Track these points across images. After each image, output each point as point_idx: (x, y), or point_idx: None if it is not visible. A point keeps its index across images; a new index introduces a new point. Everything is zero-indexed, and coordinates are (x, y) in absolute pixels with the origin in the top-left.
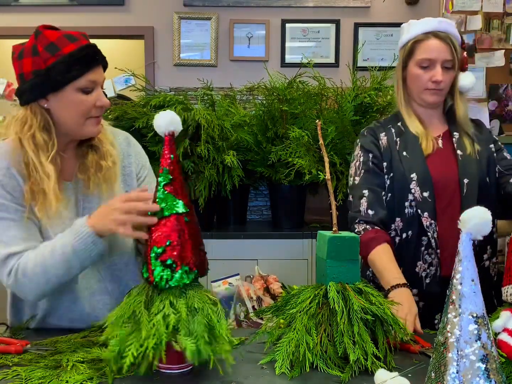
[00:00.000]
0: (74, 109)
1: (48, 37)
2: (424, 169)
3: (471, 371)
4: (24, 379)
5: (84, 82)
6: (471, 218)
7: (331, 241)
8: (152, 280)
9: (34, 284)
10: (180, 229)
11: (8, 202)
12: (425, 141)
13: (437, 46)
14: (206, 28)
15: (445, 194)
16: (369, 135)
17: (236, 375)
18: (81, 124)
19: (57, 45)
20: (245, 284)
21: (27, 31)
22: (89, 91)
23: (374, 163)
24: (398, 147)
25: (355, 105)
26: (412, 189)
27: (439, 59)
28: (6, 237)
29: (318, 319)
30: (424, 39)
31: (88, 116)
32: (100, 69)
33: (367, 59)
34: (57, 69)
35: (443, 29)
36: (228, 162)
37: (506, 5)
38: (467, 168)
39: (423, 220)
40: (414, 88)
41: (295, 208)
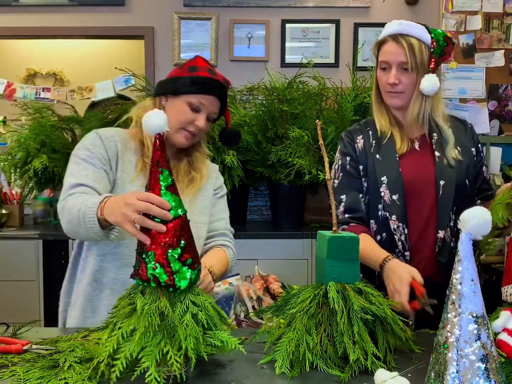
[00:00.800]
0: (176, 115)
1: (197, 62)
2: (395, 172)
3: (471, 371)
4: (23, 379)
5: (194, 100)
6: (471, 218)
7: (331, 241)
8: (173, 281)
9: (65, 217)
10: (188, 229)
11: (97, 154)
12: (399, 141)
13: (392, 49)
14: (206, 28)
15: (420, 196)
16: (347, 138)
17: (236, 375)
18: (175, 131)
19: (197, 69)
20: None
21: (27, 31)
22: (196, 110)
23: (352, 166)
24: (372, 150)
25: (355, 105)
26: (382, 192)
27: (394, 61)
28: (79, 174)
29: (318, 319)
30: (384, 41)
31: (184, 128)
32: (215, 101)
33: (367, 59)
34: (183, 81)
35: (402, 31)
36: (228, 162)
37: (506, 5)
38: (445, 169)
39: (391, 223)
40: (380, 89)
41: (295, 208)
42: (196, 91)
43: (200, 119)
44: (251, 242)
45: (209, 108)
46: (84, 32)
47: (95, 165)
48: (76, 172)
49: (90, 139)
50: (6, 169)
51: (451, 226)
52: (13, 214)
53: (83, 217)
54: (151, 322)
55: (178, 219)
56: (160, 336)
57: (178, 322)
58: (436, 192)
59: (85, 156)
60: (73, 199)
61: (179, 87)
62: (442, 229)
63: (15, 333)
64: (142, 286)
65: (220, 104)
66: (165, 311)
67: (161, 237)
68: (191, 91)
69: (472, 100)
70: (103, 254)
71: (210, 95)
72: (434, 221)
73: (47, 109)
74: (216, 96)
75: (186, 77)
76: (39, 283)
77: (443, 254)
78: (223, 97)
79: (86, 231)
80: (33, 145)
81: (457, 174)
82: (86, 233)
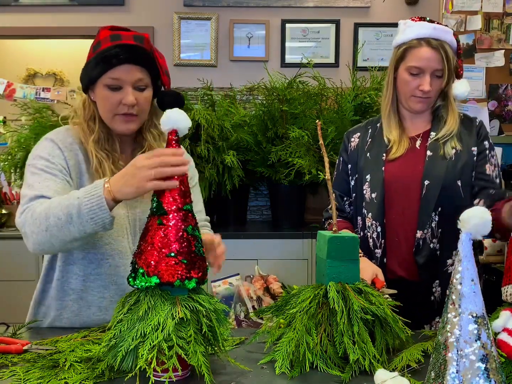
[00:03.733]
0: (102, 104)
1: (99, 35)
2: (378, 171)
3: (471, 371)
4: (23, 379)
5: (108, 80)
6: (471, 218)
7: (331, 241)
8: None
9: (36, 227)
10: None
11: (57, 164)
12: (396, 146)
13: (428, 55)
14: (206, 28)
15: (403, 195)
16: (345, 137)
17: (236, 375)
18: (110, 120)
19: (100, 43)
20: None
21: (27, 31)
22: (116, 88)
23: (343, 167)
24: (366, 148)
25: (355, 105)
26: (364, 190)
27: (429, 68)
28: (40, 185)
29: (318, 319)
30: (416, 46)
31: (116, 113)
32: (131, 67)
33: (367, 59)
34: (90, 66)
35: (436, 36)
36: (228, 162)
37: (506, 5)
38: (433, 169)
39: (367, 220)
40: (402, 93)
41: (295, 208)
42: (104, 70)
43: (125, 95)
44: (251, 242)
45: (129, 78)
46: (84, 32)
47: (56, 175)
48: (35, 184)
49: (46, 149)
50: (6, 169)
51: (432, 227)
52: (13, 214)
53: (78, 211)
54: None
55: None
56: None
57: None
58: (421, 192)
59: (43, 166)
60: (40, 206)
61: (89, 74)
62: (421, 229)
63: (15, 333)
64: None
65: (145, 67)
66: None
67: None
68: (100, 73)
69: (472, 100)
70: (85, 275)
71: (120, 65)
72: (414, 221)
73: (47, 109)
74: (130, 63)
75: (91, 60)
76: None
77: (421, 255)
78: (140, 58)
79: (82, 225)
80: (33, 145)
81: (446, 174)
82: (79, 229)
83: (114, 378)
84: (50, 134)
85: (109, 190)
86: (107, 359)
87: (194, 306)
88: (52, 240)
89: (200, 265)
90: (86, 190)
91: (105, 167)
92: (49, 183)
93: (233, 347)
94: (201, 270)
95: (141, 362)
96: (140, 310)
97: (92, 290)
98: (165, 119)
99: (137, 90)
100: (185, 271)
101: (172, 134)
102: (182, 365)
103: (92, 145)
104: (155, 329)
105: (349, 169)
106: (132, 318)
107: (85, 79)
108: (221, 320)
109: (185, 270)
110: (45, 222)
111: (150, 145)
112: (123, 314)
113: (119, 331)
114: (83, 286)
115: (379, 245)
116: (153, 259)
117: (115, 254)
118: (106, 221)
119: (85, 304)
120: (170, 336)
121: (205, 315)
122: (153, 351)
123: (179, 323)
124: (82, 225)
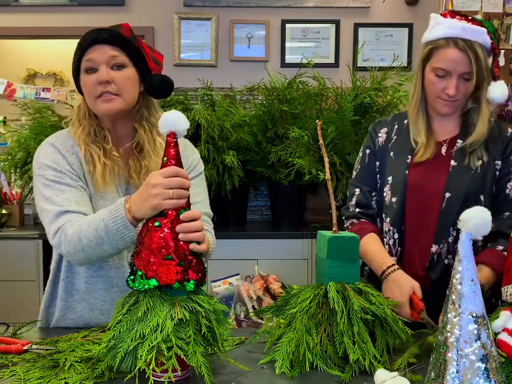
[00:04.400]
0: (85, 90)
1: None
2: (401, 174)
3: (470, 370)
4: (23, 379)
5: (84, 63)
6: (471, 218)
7: (331, 241)
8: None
9: (72, 249)
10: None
11: (65, 171)
12: (422, 150)
13: (455, 57)
14: (206, 28)
15: (424, 205)
16: (372, 130)
17: (236, 375)
18: (93, 104)
19: (84, 37)
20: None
21: (27, 31)
22: (92, 70)
23: (370, 161)
24: (390, 146)
25: (355, 105)
26: (385, 192)
27: (456, 71)
28: (58, 199)
29: (318, 319)
30: (442, 46)
31: (95, 95)
32: (103, 47)
33: (367, 59)
34: (73, 61)
35: (466, 37)
36: (228, 162)
37: (506, 5)
38: (455, 181)
39: (384, 225)
40: (428, 93)
41: (295, 208)
42: (79, 56)
43: (100, 73)
44: (251, 242)
45: (101, 57)
46: (84, 32)
47: (69, 185)
48: (52, 197)
49: (49, 156)
50: (6, 169)
51: (449, 242)
52: (13, 214)
53: (106, 233)
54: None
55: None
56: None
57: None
58: (441, 204)
59: (53, 177)
60: (71, 227)
61: (73, 68)
62: (437, 243)
63: (15, 333)
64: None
65: (118, 46)
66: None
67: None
68: (77, 60)
69: None
70: (87, 277)
71: (92, 47)
72: (431, 234)
73: (47, 109)
74: (101, 43)
75: (74, 54)
76: (39, 283)
77: (434, 270)
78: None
79: (114, 244)
80: (33, 145)
81: (469, 187)
82: (113, 247)
83: (114, 378)
84: (50, 139)
85: (129, 210)
86: (106, 359)
87: (193, 306)
88: (90, 257)
89: (198, 267)
90: (109, 212)
91: (94, 158)
92: (67, 195)
93: (233, 347)
94: (200, 272)
95: (140, 363)
96: (139, 311)
97: (94, 293)
98: (163, 121)
99: (114, 69)
100: (183, 273)
101: (171, 136)
102: (181, 366)
103: (83, 138)
104: (154, 330)
105: (377, 166)
106: (131, 319)
107: (73, 76)
108: (221, 320)
109: (183, 273)
110: (79, 244)
111: (141, 137)
112: (122, 315)
113: (118, 332)
114: (86, 288)
115: (395, 252)
116: (150, 262)
117: (116, 256)
118: (134, 238)
119: (88, 307)
120: (169, 337)
121: (204, 315)
122: (152, 352)
123: (178, 324)
124: (114, 243)
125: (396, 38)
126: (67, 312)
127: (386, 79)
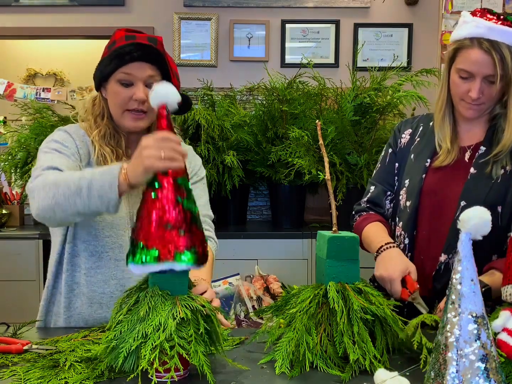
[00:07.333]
0: (113, 99)
1: (115, 36)
2: (417, 178)
3: (470, 370)
4: (23, 379)
5: (120, 75)
6: (470, 218)
7: (331, 241)
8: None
9: (44, 193)
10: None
11: (70, 148)
12: (444, 155)
13: (479, 58)
14: (206, 28)
15: (438, 212)
16: (397, 129)
17: (236, 375)
18: (120, 116)
19: (115, 43)
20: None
21: (27, 31)
22: (128, 84)
23: (391, 160)
24: (412, 148)
25: (355, 105)
26: (401, 195)
27: (480, 73)
28: (53, 162)
29: (318, 319)
30: (466, 47)
31: (126, 109)
32: (143, 65)
33: (367, 60)
34: (104, 63)
35: (492, 37)
36: (228, 162)
37: (506, 5)
38: (473, 190)
39: (397, 229)
40: (453, 95)
41: (295, 208)
42: (117, 65)
43: (136, 91)
44: (251, 242)
45: (140, 75)
46: (84, 32)
47: (69, 156)
48: (49, 160)
49: (59, 135)
50: (6, 169)
51: None
52: (13, 214)
53: (88, 185)
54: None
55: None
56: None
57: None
58: (455, 212)
59: (56, 147)
60: (53, 174)
61: (102, 70)
62: (446, 253)
63: (15, 333)
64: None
65: (156, 65)
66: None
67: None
68: (113, 68)
69: None
70: (86, 269)
71: (133, 62)
72: (442, 242)
73: (47, 109)
74: (142, 60)
75: (105, 58)
76: (39, 283)
77: (440, 280)
78: (152, 56)
79: (88, 200)
80: (33, 145)
81: (487, 197)
82: (84, 203)
83: (114, 378)
84: (62, 127)
85: (125, 174)
86: (107, 359)
87: (194, 306)
88: (56, 208)
89: (198, 238)
90: (102, 168)
91: (107, 162)
92: (63, 160)
93: (233, 347)
94: (201, 245)
95: (143, 362)
96: (140, 311)
97: (93, 285)
98: (153, 94)
99: (148, 88)
100: (183, 242)
101: (163, 109)
102: (182, 365)
103: (97, 138)
104: (157, 329)
105: (396, 167)
106: (132, 319)
107: (99, 76)
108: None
109: (183, 241)
110: (54, 189)
111: None
112: (122, 315)
113: (119, 332)
114: (85, 281)
115: (415, 263)
116: (151, 232)
117: (116, 247)
118: (111, 202)
119: (87, 301)
120: (172, 336)
121: (204, 315)
122: (155, 351)
123: (179, 323)
124: (88, 199)
125: (396, 38)
126: (67, 309)
127: (386, 79)
